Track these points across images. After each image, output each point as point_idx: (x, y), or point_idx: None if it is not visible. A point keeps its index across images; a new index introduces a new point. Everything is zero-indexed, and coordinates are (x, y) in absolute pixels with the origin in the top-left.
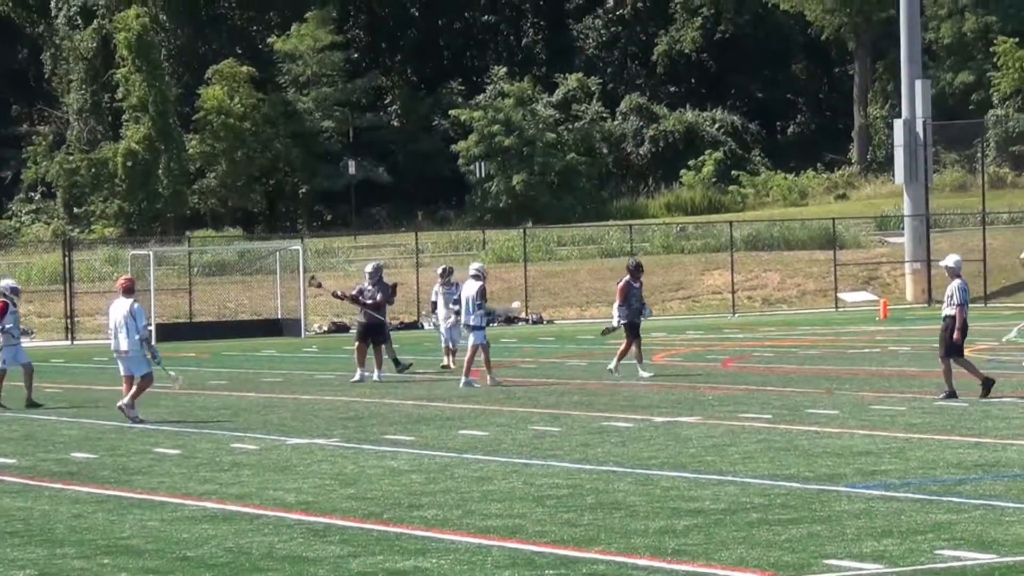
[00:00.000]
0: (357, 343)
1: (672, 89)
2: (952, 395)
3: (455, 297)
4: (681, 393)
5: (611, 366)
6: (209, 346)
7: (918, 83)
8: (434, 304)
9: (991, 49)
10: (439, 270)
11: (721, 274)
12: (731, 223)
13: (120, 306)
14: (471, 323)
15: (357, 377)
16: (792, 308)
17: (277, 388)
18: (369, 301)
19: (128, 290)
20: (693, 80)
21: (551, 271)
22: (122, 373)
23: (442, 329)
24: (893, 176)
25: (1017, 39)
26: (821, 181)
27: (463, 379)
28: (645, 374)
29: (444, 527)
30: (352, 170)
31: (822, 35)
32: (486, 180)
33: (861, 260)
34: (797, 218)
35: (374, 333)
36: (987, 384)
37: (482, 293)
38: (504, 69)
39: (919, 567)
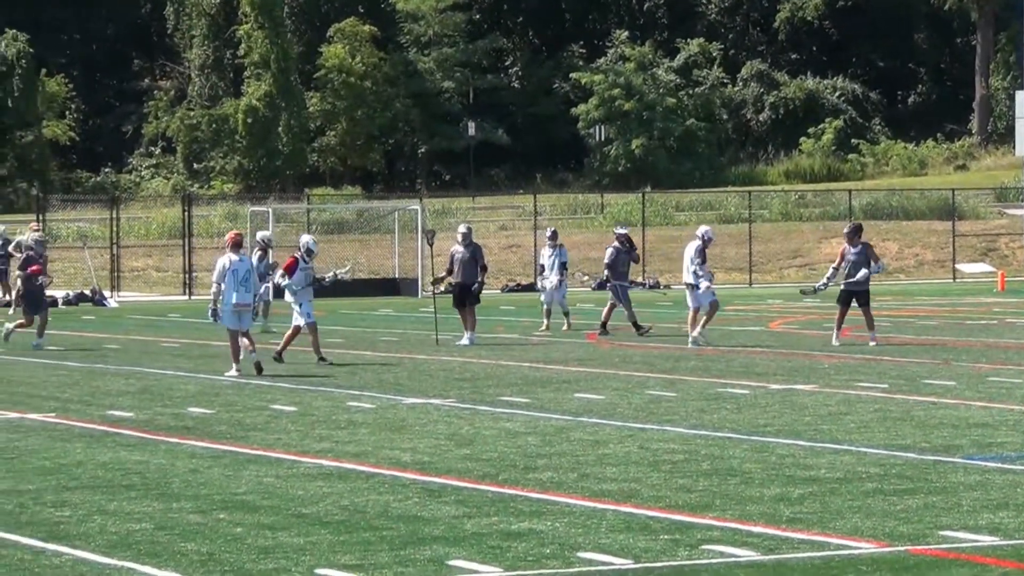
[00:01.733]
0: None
1: (793, 56)
2: None
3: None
4: (797, 361)
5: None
6: (326, 304)
7: None
8: (542, 267)
9: None
10: (547, 233)
11: (839, 243)
12: (850, 192)
13: (232, 261)
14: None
15: (465, 340)
16: (909, 278)
17: (393, 347)
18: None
19: (237, 244)
20: (814, 47)
21: (669, 236)
22: (237, 327)
23: (544, 292)
24: (1014, 148)
25: None
26: (941, 151)
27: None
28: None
29: (559, 490)
30: (471, 131)
31: (945, 5)
32: (605, 144)
33: (980, 231)
34: (916, 188)
35: (466, 294)
36: None
37: (700, 253)
38: (625, 33)
39: None
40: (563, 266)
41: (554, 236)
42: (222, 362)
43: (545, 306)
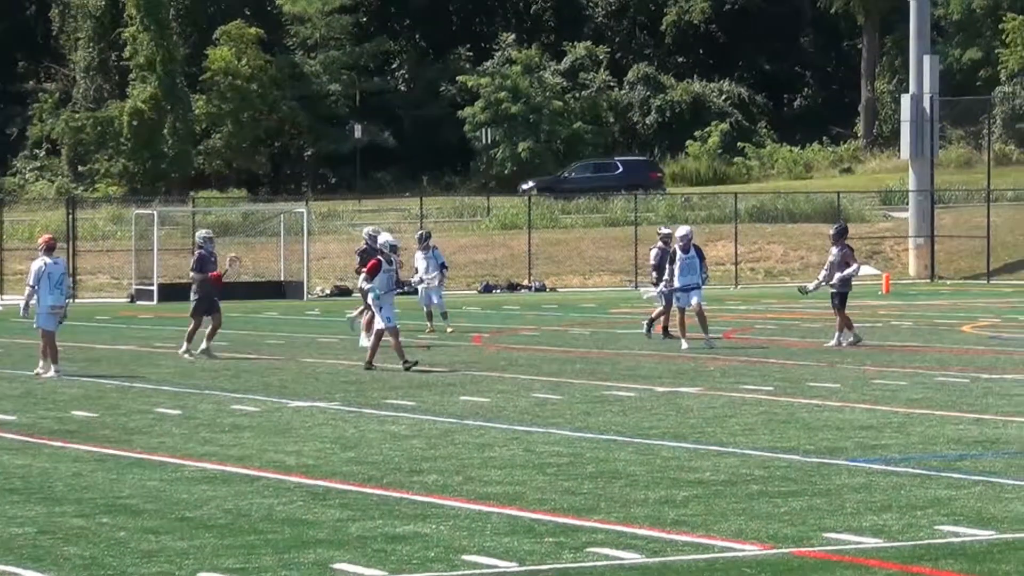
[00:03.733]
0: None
1: (680, 59)
2: None
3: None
4: (683, 364)
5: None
6: None
7: (926, 59)
8: (415, 269)
9: (1000, 26)
10: (417, 235)
11: (724, 245)
12: (736, 195)
13: (47, 264)
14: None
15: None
16: (795, 280)
17: (279, 351)
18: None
19: (51, 248)
20: (701, 51)
21: (555, 239)
22: (48, 328)
23: (421, 295)
24: (899, 151)
25: None
26: (826, 155)
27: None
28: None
29: (444, 493)
30: (358, 134)
31: (831, 8)
32: (492, 147)
33: (865, 234)
34: (802, 191)
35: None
36: None
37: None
38: (512, 36)
39: (918, 542)
40: (442, 268)
41: (426, 238)
42: (107, 365)
43: (424, 309)
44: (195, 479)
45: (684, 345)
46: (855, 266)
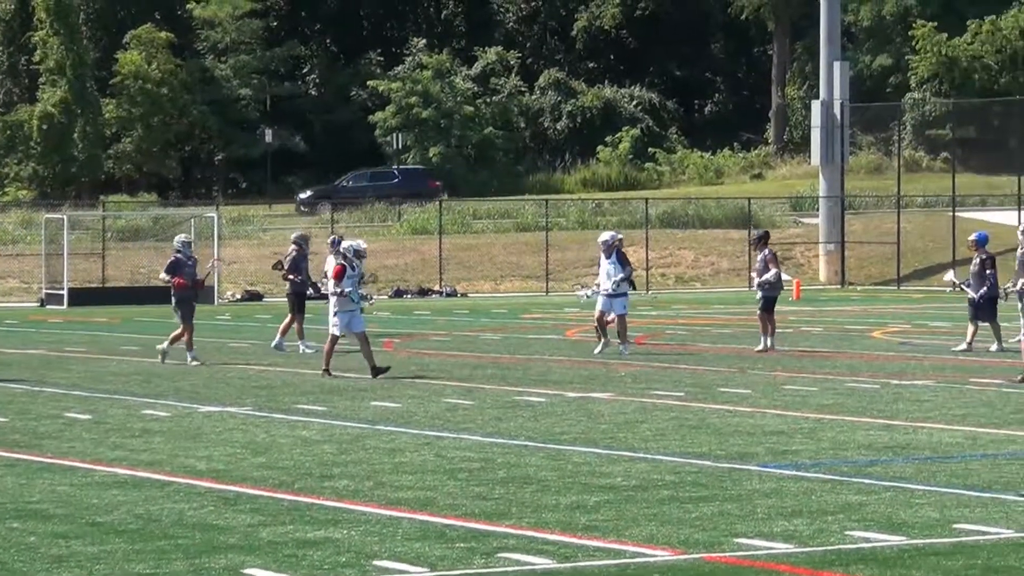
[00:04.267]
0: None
1: (591, 65)
2: None
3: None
4: (593, 369)
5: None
6: (121, 311)
7: (836, 65)
8: (325, 274)
9: (909, 33)
10: (329, 240)
11: (635, 251)
12: (646, 200)
13: None
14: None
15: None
16: (706, 286)
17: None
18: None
19: None
20: (612, 56)
21: (466, 244)
22: None
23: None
24: (809, 157)
25: (935, 23)
26: (737, 160)
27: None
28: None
29: (355, 498)
30: (268, 138)
31: (742, 14)
32: (402, 152)
33: (775, 240)
34: (712, 196)
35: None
36: None
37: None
38: (423, 41)
39: (829, 548)
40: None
41: (337, 243)
42: (17, 369)
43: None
44: (105, 484)
45: (596, 349)
46: (772, 271)
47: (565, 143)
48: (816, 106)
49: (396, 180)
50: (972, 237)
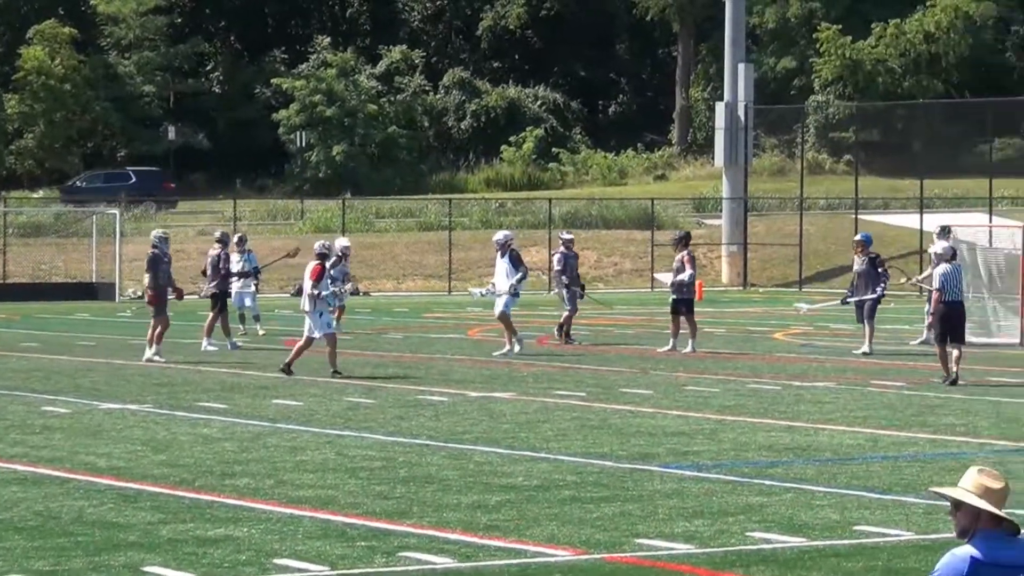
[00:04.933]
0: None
1: (496, 64)
2: (950, 380)
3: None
4: (495, 369)
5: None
6: (22, 308)
7: (741, 67)
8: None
9: (814, 35)
10: (235, 239)
11: (538, 251)
12: (550, 200)
13: None
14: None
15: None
16: (609, 287)
17: (90, 352)
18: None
19: None
20: (517, 56)
21: (369, 243)
22: None
23: (234, 297)
24: (712, 158)
25: (840, 26)
26: (641, 161)
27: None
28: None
29: (256, 496)
30: (172, 136)
31: (647, 16)
32: (306, 150)
33: (673, 241)
34: (616, 197)
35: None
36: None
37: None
38: (328, 39)
39: (730, 548)
40: (256, 271)
41: (242, 242)
42: None
43: (238, 311)
44: (5, 481)
45: (500, 351)
46: (688, 272)
47: (469, 142)
48: (720, 108)
49: (131, 181)
50: (858, 237)
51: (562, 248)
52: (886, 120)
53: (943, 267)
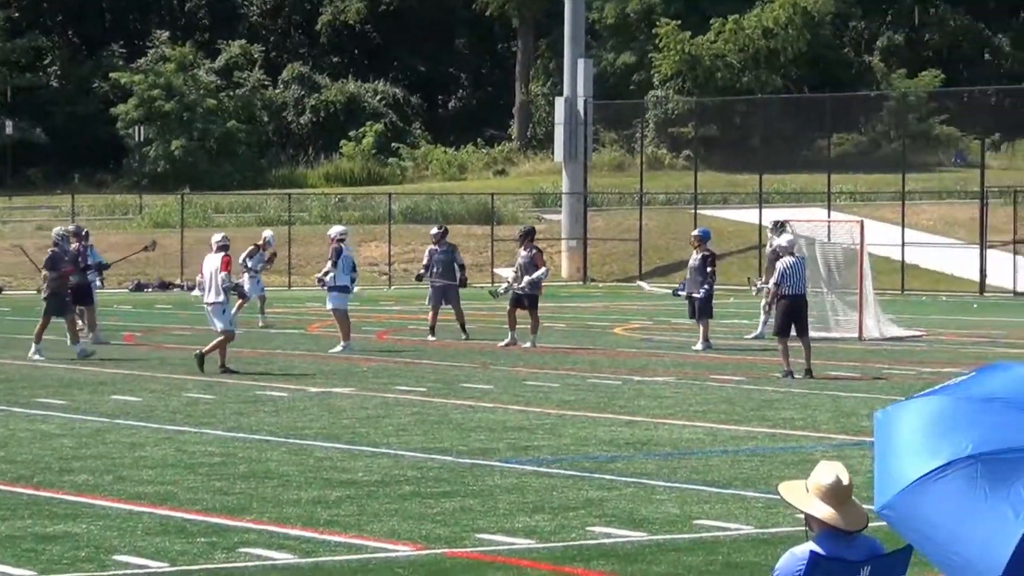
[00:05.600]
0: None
1: (335, 59)
2: (790, 374)
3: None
4: (335, 364)
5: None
6: None
7: (580, 62)
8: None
9: (653, 31)
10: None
11: (378, 246)
12: (390, 195)
13: None
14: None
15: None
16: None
17: None
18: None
19: None
20: (356, 51)
21: (208, 238)
22: None
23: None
24: (552, 154)
25: (679, 21)
26: (481, 156)
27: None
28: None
29: (95, 492)
30: (8, 130)
31: (486, 11)
32: (145, 144)
33: (519, 236)
34: (456, 192)
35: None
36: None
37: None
38: (166, 33)
39: (570, 543)
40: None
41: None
42: None
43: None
44: None
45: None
46: (543, 269)
47: (308, 137)
48: (560, 103)
49: None
50: (695, 232)
51: (432, 244)
52: (725, 115)
53: (785, 260)
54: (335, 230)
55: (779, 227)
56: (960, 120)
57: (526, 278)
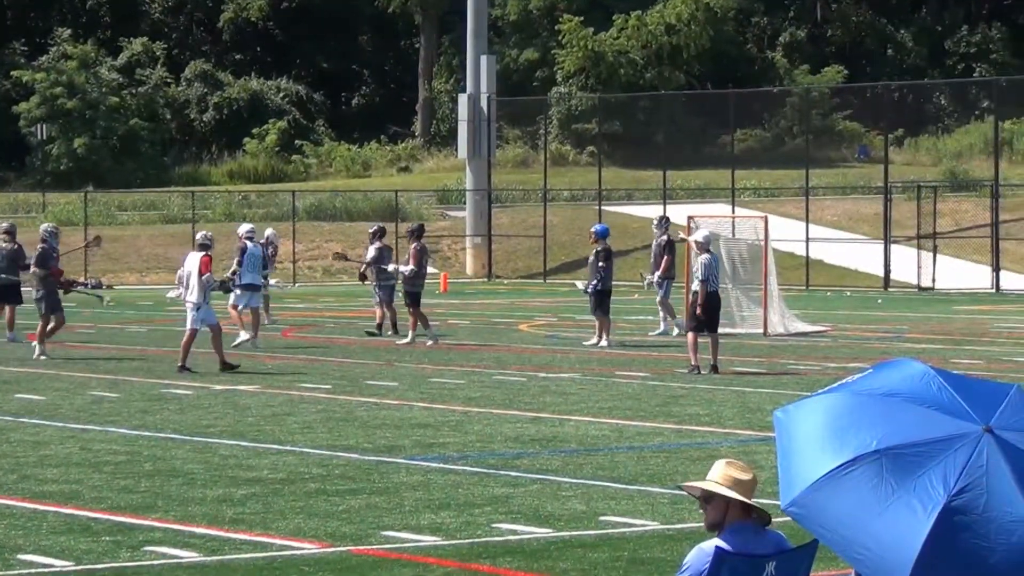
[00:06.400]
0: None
1: (238, 57)
2: (696, 370)
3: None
4: (240, 361)
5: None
6: None
7: (483, 59)
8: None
9: (556, 27)
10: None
11: (283, 243)
12: (293, 192)
13: None
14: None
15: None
16: (352, 279)
17: None
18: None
19: None
20: (259, 48)
21: (112, 236)
22: None
23: None
24: (456, 150)
25: (582, 18)
26: (384, 153)
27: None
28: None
29: None
30: None
31: (389, 8)
32: (47, 143)
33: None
34: (360, 189)
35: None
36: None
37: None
38: (68, 31)
39: (476, 540)
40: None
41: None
42: None
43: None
44: None
45: (243, 337)
46: (410, 266)
47: (212, 135)
48: (463, 100)
49: None
50: (593, 229)
51: (378, 242)
52: (629, 112)
53: (704, 256)
54: (242, 228)
55: (663, 222)
56: (863, 115)
57: (407, 271)
